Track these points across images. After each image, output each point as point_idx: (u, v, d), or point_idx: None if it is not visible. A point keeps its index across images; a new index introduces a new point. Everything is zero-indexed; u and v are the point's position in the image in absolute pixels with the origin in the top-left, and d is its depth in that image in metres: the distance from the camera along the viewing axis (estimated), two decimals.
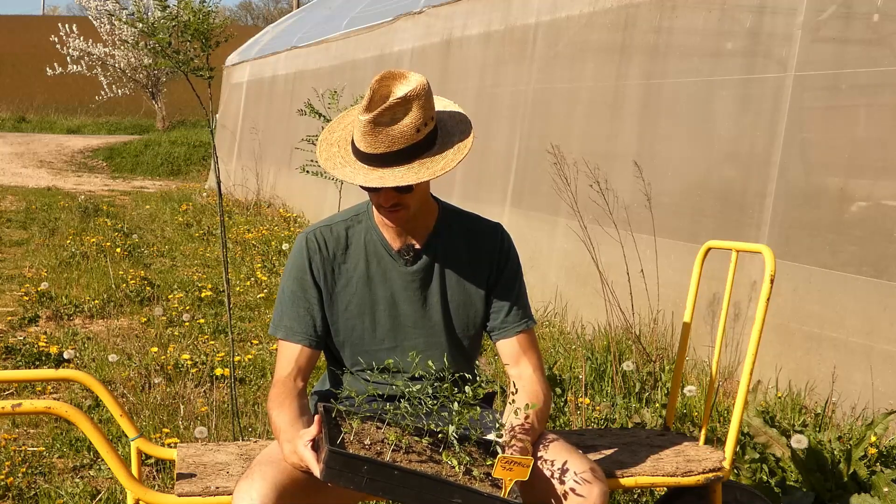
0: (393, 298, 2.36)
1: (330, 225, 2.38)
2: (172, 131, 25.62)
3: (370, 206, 2.37)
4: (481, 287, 2.40)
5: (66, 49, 25.88)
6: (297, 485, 2.10)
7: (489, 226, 2.44)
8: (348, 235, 2.37)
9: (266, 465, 2.12)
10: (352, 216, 2.40)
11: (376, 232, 2.36)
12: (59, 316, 6.47)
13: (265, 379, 5.06)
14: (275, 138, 14.30)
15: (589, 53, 6.63)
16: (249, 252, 9.41)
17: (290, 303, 2.34)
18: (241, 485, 2.08)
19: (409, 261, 2.35)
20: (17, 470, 3.71)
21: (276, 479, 2.07)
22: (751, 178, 5.00)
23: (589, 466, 2.17)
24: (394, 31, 10.30)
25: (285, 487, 2.07)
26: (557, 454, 2.20)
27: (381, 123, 2.11)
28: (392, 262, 2.36)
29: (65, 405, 2.22)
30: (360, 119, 2.13)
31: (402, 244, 2.35)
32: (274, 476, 2.07)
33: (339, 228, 2.37)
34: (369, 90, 2.14)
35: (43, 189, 16.14)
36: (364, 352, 2.37)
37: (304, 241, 2.36)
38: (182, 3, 3.67)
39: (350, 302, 2.35)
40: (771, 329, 4.48)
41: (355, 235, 2.37)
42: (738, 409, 2.53)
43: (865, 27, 4.51)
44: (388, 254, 2.35)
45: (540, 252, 6.72)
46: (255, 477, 2.07)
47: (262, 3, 72.64)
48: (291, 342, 2.33)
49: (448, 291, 2.38)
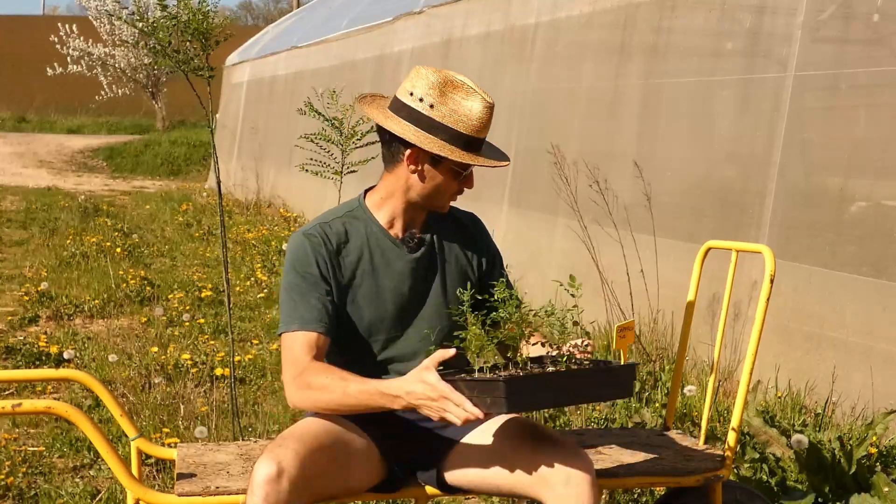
0: (398, 287, 2.38)
1: (327, 222, 2.39)
2: (172, 131, 25.61)
3: (362, 202, 2.41)
4: (474, 272, 2.48)
5: (66, 49, 25.87)
6: (318, 464, 2.12)
7: (469, 215, 2.57)
8: (347, 230, 2.38)
9: (290, 438, 2.14)
10: (345, 213, 2.41)
11: (376, 224, 2.39)
12: (59, 316, 6.46)
13: (265, 379, 5.07)
14: (275, 138, 14.30)
15: (588, 53, 6.63)
16: (249, 252, 9.41)
17: (300, 296, 2.30)
18: (265, 454, 2.09)
19: (413, 248, 2.40)
20: (17, 470, 3.71)
21: (300, 452, 2.09)
22: (751, 178, 5.00)
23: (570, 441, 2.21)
24: (394, 31, 10.30)
25: (308, 462, 2.10)
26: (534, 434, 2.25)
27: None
28: (396, 250, 2.39)
29: (65, 405, 2.22)
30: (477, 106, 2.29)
31: (404, 233, 2.40)
32: (297, 448, 2.10)
33: (337, 224, 2.38)
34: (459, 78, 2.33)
35: (43, 189, 16.14)
36: (372, 342, 2.38)
37: (305, 239, 2.34)
38: (182, 2, 3.67)
39: (356, 294, 2.36)
40: (771, 329, 4.47)
41: (354, 230, 2.38)
42: (738, 409, 2.52)
43: (865, 27, 4.51)
44: (391, 243, 2.39)
45: (539, 252, 6.72)
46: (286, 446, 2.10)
47: (262, 3, 72.66)
48: (308, 331, 2.28)
49: (447, 277, 2.43)
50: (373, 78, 10.65)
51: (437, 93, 2.30)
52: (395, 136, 2.32)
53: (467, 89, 2.31)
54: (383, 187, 2.41)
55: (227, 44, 4.04)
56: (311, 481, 2.10)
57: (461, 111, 2.29)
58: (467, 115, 2.29)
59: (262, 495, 2.03)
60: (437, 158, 2.31)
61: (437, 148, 2.27)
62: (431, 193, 2.36)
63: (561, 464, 2.15)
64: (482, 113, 2.31)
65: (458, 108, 2.29)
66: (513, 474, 2.21)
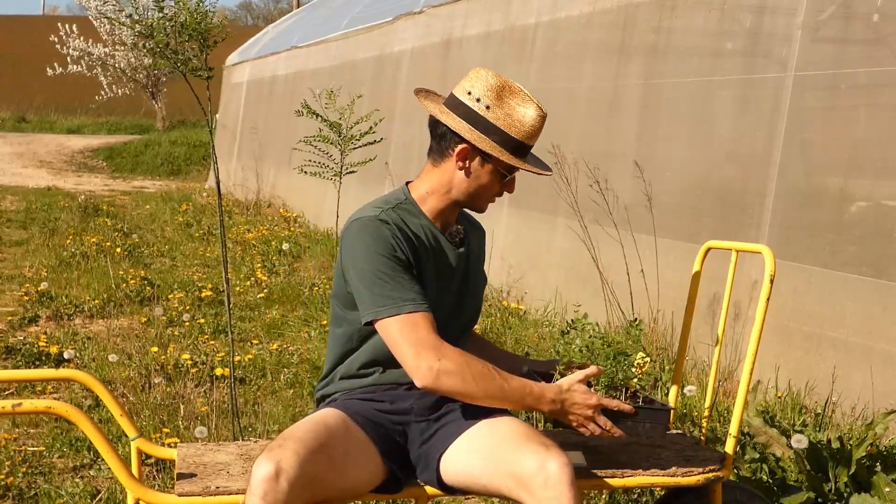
0: (447, 280, 2.44)
1: (384, 209, 2.38)
2: (172, 131, 25.61)
3: (409, 195, 2.44)
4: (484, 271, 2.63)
5: (66, 49, 25.87)
6: (317, 464, 2.12)
7: (476, 218, 2.66)
8: (404, 221, 2.39)
9: (290, 438, 2.14)
10: (396, 204, 2.41)
11: (425, 217, 2.42)
12: (59, 316, 6.47)
13: (265, 379, 5.07)
14: (275, 138, 14.30)
15: (588, 53, 6.63)
16: (249, 252, 9.40)
17: (399, 279, 2.28)
18: (265, 453, 2.09)
19: (458, 244, 2.48)
20: (17, 470, 3.71)
21: (299, 452, 2.09)
22: (751, 178, 5.00)
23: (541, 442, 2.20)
24: (393, 32, 10.30)
25: (308, 463, 2.09)
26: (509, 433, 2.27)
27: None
28: (447, 244, 2.45)
29: (65, 405, 2.22)
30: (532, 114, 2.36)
31: (448, 229, 2.47)
32: (296, 449, 2.10)
33: (393, 215, 2.38)
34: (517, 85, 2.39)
35: (43, 189, 16.14)
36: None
37: (383, 225, 2.32)
38: (179, 3, 3.66)
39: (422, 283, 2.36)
40: (771, 329, 4.47)
41: (409, 222, 2.39)
42: (738, 409, 2.53)
43: (865, 27, 4.52)
44: (442, 237, 2.44)
45: (539, 252, 6.72)
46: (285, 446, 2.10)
47: (262, 3, 72.64)
48: (424, 311, 2.26)
49: (473, 275, 2.53)
50: (373, 78, 10.65)
51: (495, 96, 2.37)
52: (448, 130, 2.37)
53: (523, 96, 2.38)
54: (428, 181, 2.44)
55: (226, 44, 4.04)
56: (310, 482, 2.09)
57: (515, 116, 2.36)
58: (521, 120, 2.36)
59: (261, 494, 2.03)
60: (486, 158, 2.37)
61: (487, 147, 2.34)
62: (474, 193, 2.42)
63: (539, 467, 2.14)
64: (535, 121, 2.37)
65: (512, 112, 2.36)
66: (496, 475, 2.21)
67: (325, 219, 10.71)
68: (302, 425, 2.25)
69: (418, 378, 2.22)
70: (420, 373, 2.22)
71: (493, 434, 2.28)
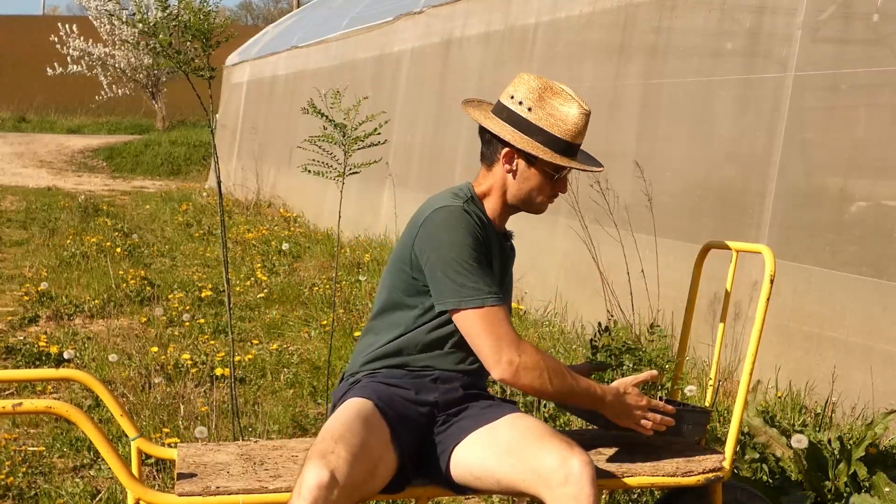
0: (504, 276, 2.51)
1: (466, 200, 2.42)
2: (172, 131, 25.61)
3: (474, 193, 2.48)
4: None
5: (66, 49, 25.85)
6: (361, 472, 2.13)
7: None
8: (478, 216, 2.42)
9: (340, 443, 2.13)
10: (465, 200, 2.43)
11: (486, 215, 2.47)
12: (59, 316, 6.46)
13: (265, 379, 5.06)
14: (275, 138, 14.30)
15: (588, 53, 6.63)
16: (249, 252, 9.40)
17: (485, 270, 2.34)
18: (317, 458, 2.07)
19: (510, 247, 2.57)
20: (17, 470, 3.71)
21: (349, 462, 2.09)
22: (751, 178, 5.00)
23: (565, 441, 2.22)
24: (394, 31, 10.30)
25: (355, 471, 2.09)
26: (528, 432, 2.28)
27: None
28: (503, 241, 2.52)
29: (65, 405, 2.22)
30: (574, 112, 2.38)
31: (501, 228, 2.53)
32: (347, 458, 2.10)
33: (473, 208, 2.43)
34: (560, 86, 2.42)
35: (43, 189, 16.14)
36: None
37: (468, 215, 2.36)
38: (183, 3, 3.66)
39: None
40: (771, 329, 4.47)
41: (477, 217, 2.42)
42: (738, 409, 2.53)
43: (865, 27, 4.52)
44: (500, 234, 2.51)
45: (540, 252, 6.72)
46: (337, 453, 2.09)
47: (262, 3, 72.63)
48: (503, 306, 2.33)
49: (510, 277, 2.60)
50: (373, 78, 10.65)
51: (536, 97, 2.41)
52: (493, 135, 2.43)
53: (566, 96, 2.41)
54: (484, 183, 2.50)
55: (227, 44, 4.03)
56: (353, 490, 2.10)
57: (558, 115, 2.39)
58: (563, 119, 2.39)
59: (311, 500, 2.01)
60: (531, 159, 2.41)
61: (530, 147, 2.38)
62: (525, 195, 2.46)
63: (560, 463, 2.15)
64: (578, 119, 2.40)
65: (554, 112, 2.39)
66: (513, 471, 2.22)
67: (325, 219, 10.71)
68: (347, 422, 2.22)
69: (497, 371, 2.28)
70: (500, 366, 2.27)
71: (513, 430, 2.29)
